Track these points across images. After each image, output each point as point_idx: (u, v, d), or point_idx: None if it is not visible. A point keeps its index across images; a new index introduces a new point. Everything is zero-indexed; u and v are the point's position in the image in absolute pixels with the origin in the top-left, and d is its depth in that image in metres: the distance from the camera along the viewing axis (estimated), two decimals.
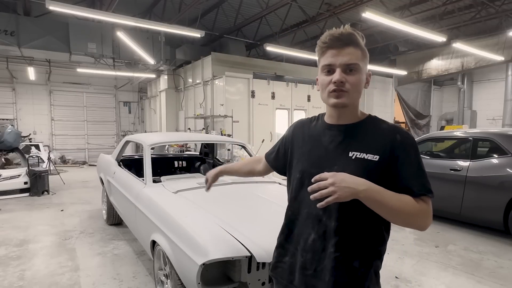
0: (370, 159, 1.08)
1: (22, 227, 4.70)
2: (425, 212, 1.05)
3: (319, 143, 1.20)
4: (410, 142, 1.10)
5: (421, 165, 1.09)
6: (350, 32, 1.09)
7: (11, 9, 8.65)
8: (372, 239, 1.13)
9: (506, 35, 9.00)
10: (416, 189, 1.05)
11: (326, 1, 8.61)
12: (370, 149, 1.09)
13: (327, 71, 1.11)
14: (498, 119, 13.53)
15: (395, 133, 1.10)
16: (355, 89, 1.10)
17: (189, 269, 1.99)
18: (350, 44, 1.08)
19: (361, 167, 1.07)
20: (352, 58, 1.08)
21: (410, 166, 1.07)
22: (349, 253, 1.10)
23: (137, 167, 4.85)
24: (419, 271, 3.35)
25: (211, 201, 2.69)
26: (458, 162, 4.53)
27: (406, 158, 1.07)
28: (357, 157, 1.09)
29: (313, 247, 1.15)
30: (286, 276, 1.24)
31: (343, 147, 1.13)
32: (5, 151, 7.56)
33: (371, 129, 1.14)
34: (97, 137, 13.73)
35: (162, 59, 10.03)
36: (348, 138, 1.14)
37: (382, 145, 1.09)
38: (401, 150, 1.08)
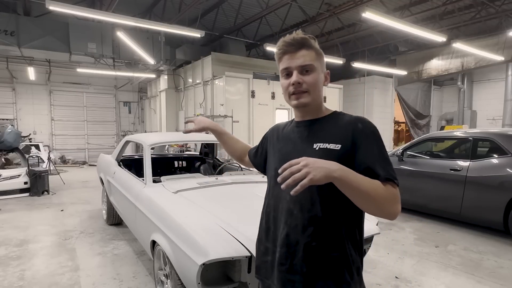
0: (333, 148, 1.12)
1: (22, 227, 4.70)
2: (394, 197, 1.04)
3: (289, 140, 1.28)
4: (372, 130, 1.13)
5: (383, 152, 1.10)
6: (301, 36, 1.16)
7: (11, 9, 8.65)
8: (345, 229, 1.14)
9: (506, 35, 9.00)
10: (382, 173, 1.05)
11: (326, 1, 8.62)
12: (332, 139, 1.14)
13: (286, 75, 1.19)
14: (498, 119, 13.53)
15: (357, 122, 1.14)
16: (313, 88, 1.17)
17: (189, 269, 1.99)
18: (302, 47, 1.16)
19: (324, 157, 1.06)
20: (306, 59, 1.15)
21: (373, 152, 1.10)
22: (324, 243, 1.12)
23: (137, 167, 4.85)
24: (419, 271, 3.35)
25: (211, 201, 2.69)
26: (458, 162, 4.53)
27: (368, 144, 1.10)
28: (320, 148, 1.14)
29: (287, 240, 1.17)
30: (269, 275, 1.25)
31: (308, 140, 1.19)
32: (5, 151, 7.56)
33: (335, 121, 1.20)
34: (97, 137, 13.73)
35: (162, 59, 10.03)
36: (313, 132, 1.21)
37: (344, 135, 1.13)
38: (363, 137, 1.11)
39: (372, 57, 12.45)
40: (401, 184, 4.11)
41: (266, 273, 1.27)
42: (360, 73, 13.06)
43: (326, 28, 10.25)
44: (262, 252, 1.30)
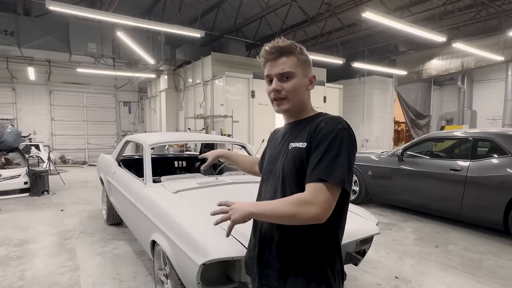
0: (300, 147, 1.16)
1: (22, 227, 4.70)
2: (303, 202, 1.05)
3: (276, 142, 1.35)
4: (329, 131, 1.11)
5: (330, 150, 1.08)
6: (280, 45, 1.19)
7: (11, 9, 8.65)
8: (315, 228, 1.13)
9: (506, 35, 9.00)
10: (313, 173, 1.08)
11: (326, 1, 8.62)
12: (302, 138, 1.18)
13: (268, 81, 1.24)
14: (498, 119, 13.53)
15: (321, 121, 1.16)
16: (292, 94, 1.20)
17: (189, 269, 1.99)
18: (282, 55, 1.19)
19: (293, 155, 1.17)
20: (285, 67, 1.18)
21: (317, 152, 1.10)
22: (293, 240, 1.16)
23: (137, 167, 4.85)
24: (419, 271, 3.35)
25: (211, 201, 2.69)
26: (458, 162, 4.53)
27: (318, 144, 1.11)
28: (292, 147, 1.20)
29: (265, 236, 1.24)
30: (253, 270, 1.31)
31: (288, 141, 1.25)
32: (5, 151, 7.56)
33: (311, 121, 1.21)
34: (97, 137, 13.74)
35: (162, 59, 10.03)
36: (292, 133, 1.26)
37: (308, 133, 1.16)
38: (317, 136, 1.12)
39: (372, 57, 12.45)
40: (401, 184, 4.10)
41: (252, 268, 1.32)
42: (360, 73, 13.06)
43: (326, 28, 10.26)
44: (250, 248, 1.37)
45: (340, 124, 1.13)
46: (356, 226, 2.45)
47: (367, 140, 13.01)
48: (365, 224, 2.56)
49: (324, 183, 1.05)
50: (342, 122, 1.14)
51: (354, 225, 2.40)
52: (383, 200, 5.68)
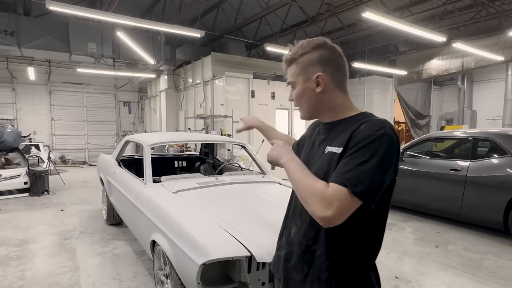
0: (335, 152, 1.07)
1: (22, 227, 4.70)
2: (321, 196, 0.96)
3: (312, 142, 1.29)
4: (368, 134, 1.00)
5: (362, 156, 0.97)
6: (287, 55, 1.21)
7: (11, 9, 8.64)
8: (351, 239, 1.08)
9: (506, 35, 9.00)
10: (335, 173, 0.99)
11: (326, 1, 8.61)
12: (338, 142, 1.09)
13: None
14: (498, 119, 13.53)
15: (361, 123, 1.05)
16: (297, 101, 1.22)
17: (189, 269, 1.99)
18: (290, 64, 1.21)
19: (328, 160, 1.09)
20: (288, 77, 1.22)
21: (348, 155, 1.01)
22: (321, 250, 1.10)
23: (137, 167, 4.85)
24: (419, 271, 3.35)
25: (211, 201, 2.69)
26: (458, 162, 4.53)
27: (351, 148, 1.01)
28: (328, 151, 1.11)
29: (293, 240, 1.20)
30: (280, 270, 1.29)
31: (323, 144, 1.18)
32: (5, 151, 7.56)
33: (350, 124, 1.10)
34: (97, 137, 13.73)
35: (162, 59, 10.03)
36: (328, 135, 1.18)
37: (346, 136, 1.06)
38: (353, 139, 1.02)
39: (372, 57, 12.45)
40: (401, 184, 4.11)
41: (278, 268, 1.31)
42: (360, 73, 13.06)
43: (326, 28, 10.25)
44: (278, 247, 1.34)
45: (382, 129, 1.00)
46: None
47: None
48: None
49: (344, 188, 0.95)
50: (385, 127, 1.01)
51: None
52: None
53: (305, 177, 1.04)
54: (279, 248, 1.32)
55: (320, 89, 1.14)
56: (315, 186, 0.99)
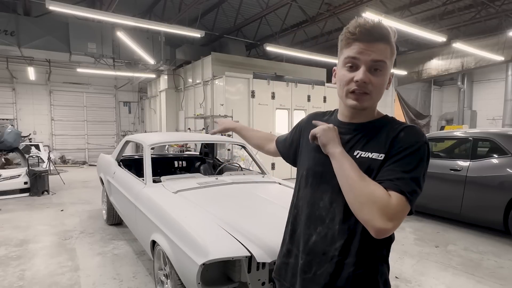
0: (375, 158, 0.99)
1: (22, 227, 4.70)
2: (383, 205, 0.89)
3: None
4: (414, 141, 0.97)
5: (411, 164, 0.95)
6: (383, 26, 0.99)
7: (11, 9, 8.65)
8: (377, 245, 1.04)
9: (506, 35, 9.00)
10: (388, 179, 0.94)
11: (326, 1, 8.62)
12: (376, 148, 1.01)
13: (349, 66, 1.01)
14: (498, 119, 13.54)
15: (401, 130, 1.00)
16: (377, 91, 1.02)
17: (189, 269, 1.99)
18: (381, 40, 0.98)
19: (365, 166, 0.99)
20: (380, 55, 0.98)
21: (396, 162, 0.95)
22: (352, 258, 1.02)
23: (137, 167, 4.85)
24: (419, 271, 3.35)
25: (211, 201, 2.69)
26: (458, 162, 4.53)
27: (397, 154, 0.96)
28: (361, 156, 1.02)
29: (314, 249, 1.09)
30: (289, 279, 1.19)
31: (349, 146, 1.06)
32: (5, 151, 7.56)
33: (382, 128, 1.05)
34: (97, 137, 13.73)
35: (162, 59, 10.03)
36: (356, 137, 1.07)
37: (386, 143, 1.00)
38: (397, 146, 0.97)
39: None
40: None
41: (286, 276, 1.21)
42: None
43: (326, 28, 10.25)
44: (284, 254, 1.23)
45: (423, 137, 0.99)
46: None
47: None
48: None
49: (403, 197, 0.91)
50: (424, 136, 1.00)
51: None
52: None
53: (362, 179, 0.93)
54: (287, 255, 1.21)
55: (388, 87, 1.08)
56: (376, 193, 0.90)
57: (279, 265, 1.26)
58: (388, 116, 1.11)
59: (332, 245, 1.05)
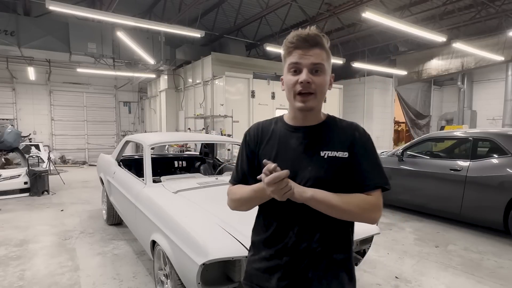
0: (341, 156, 1.13)
1: (22, 227, 4.70)
2: (373, 206, 1.11)
3: (286, 145, 1.18)
4: (367, 139, 1.18)
5: (374, 159, 1.16)
6: (316, 33, 1.11)
7: (11, 9, 8.65)
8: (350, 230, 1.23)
9: (506, 35, 8.99)
10: (366, 183, 1.12)
11: (326, 1, 8.61)
12: (339, 147, 1.14)
13: (293, 71, 1.12)
14: (498, 119, 13.52)
15: (355, 130, 1.18)
16: (320, 90, 1.12)
17: (189, 269, 1.99)
18: (316, 45, 1.10)
19: (334, 165, 1.13)
20: (317, 58, 1.10)
21: (364, 162, 1.14)
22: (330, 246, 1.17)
23: (137, 167, 4.85)
24: (419, 271, 3.35)
25: (211, 201, 2.69)
26: (458, 162, 4.53)
27: (362, 154, 1.15)
28: (329, 156, 1.13)
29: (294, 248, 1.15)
30: (265, 282, 1.20)
31: (313, 148, 1.15)
32: (5, 151, 7.56)
33: (334, 127, 1.19)
34: (97, 137, 13.73)
35: (162, 59, 10.03)
36: (316, 139, 1.16)
37: (346, 142, 1.15)
38: (359, 146, 1.15)
39: (372, 57, 12.45)
40: (401, 184, 4.12)
41: (259, 280, 1.22)
42: (360, 73, 13.06)
43: (326, 28, 10.25)
44: (257, 259, 1.24)
45: (366, 131, 1.21)
46: (356, 226, 2.45)
47: None
48: (365, 224, 2.56)
49: (379, 189, 1.14)
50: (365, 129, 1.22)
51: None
52: (383, 200, 5.67)
53: (345, 198, 1.09)
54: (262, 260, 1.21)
55: (330, 88, 1.18)
56: (365, 200, 1.11)
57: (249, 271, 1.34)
58: (331, 116, 1.24)
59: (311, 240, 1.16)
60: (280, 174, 0.97)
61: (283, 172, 0.98)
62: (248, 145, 1.28)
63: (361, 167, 1.13)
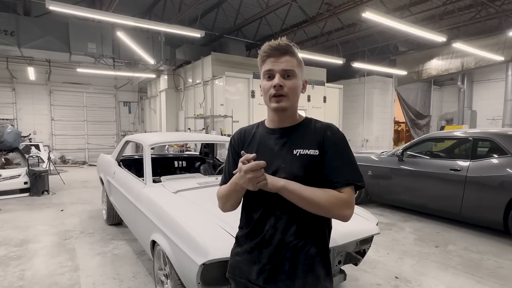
0: (312, 154, 1.21)
1: (22, 227, 4.70)
2: (343, 203, 1.15)
3: (264, 146, 1.30)
4: (339, 137, 1.24)
5: (346, 157, 1.22)
6: (286, 43, 1.22)
7: (11, 9, 8.65)
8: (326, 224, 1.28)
9: (506, 35, 8.99)
10: (336, 180, 1.18)
11: (326, 1, 8.61)
12: (310, 145, 1.22)
13: (268, 77, 1.24)
14: (498, 119, 13.53)
15: (326, 129, 1.25)
16: (292, 92, 1.22)
17: (189, 269, 1.99)
18: (286, 53, 1.21)
19: (305, 162, 1.20)
20: (288, 65, 1.20)
21: (335, 159, 1.20)
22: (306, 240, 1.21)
23: (137, 167, 4.85)
24: (419, 271, 3.35)
25: (211, 201, 2.69)
26: (458, 162, 4.53)
27: (333, 152, 1.21)
28: (300, 154, 1.22)
29: (271, 241, 1.22)
30: (246, 274, 1.28)
31: (287, 147, 1.25)
32: (5, 151, 7.56)
33: (308, 128, 1.27)
34: (97, 137, 13.73)
35: (162, 59, 10.03)
36: (291, 139, 1.26)
37: (318, 141, 1.22)
38: (330, 144, 1.22)
39: (372, 57, 12.45)
40: (401, 184, 4.12)
41: (242, 273, 1.29)
42: (360, 73, 13.06)
43: (326, 28, 10.25)
44: (240, 252, 1.32)
45: (340, 131, 1.27)
46: (356, 226, 2.46)
47: (367, 140, 13.02)
48: (365, 224, 2.56)
49: (351, 187, 1.19)
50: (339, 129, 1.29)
51: (354, 225, 2.40)
52: (383, 200, 5.68)
53: (316, 191, 1.15)
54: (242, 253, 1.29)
55: (303, 91, 1.29)
56: (336, 196, 1.16)
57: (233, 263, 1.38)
58: (308, 118, 1.33)
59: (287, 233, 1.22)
60: (259, 163, 1.10)
61: (261, 162, 1.10)
62: (233, 148, 1.40)
63: (330, 164, 1.20)
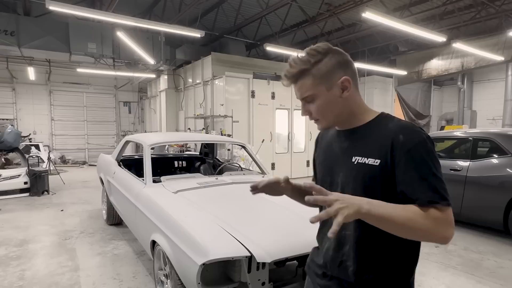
0: (371, 164, 1.01)
1: (22, 227, 4.70)
2: (440, 222, 0.91)
3: (331, 150, 1.19)
4: (415, 143, 0.97)
5: (426, 171, 0.95)
6: (292, 65, 1.08)
7: (11, 9, 8.64)
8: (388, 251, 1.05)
9: (506, 35, 8.99)
10: (421, 196, 0.93)
11: (326, 1, 8.61)
12: (371, 153, 1.02)
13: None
14: (498, 119, 13.52)
15: (399, 133, 0.99)
16: (321, 114, 1.10)
17: (189, 269, 1.99)
18: (298, 79, 1.08)
19: (362, 173, 1.02)
20: (303, 91, 1.09)
21: (411, 170, 0.95)
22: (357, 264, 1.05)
23: (137, 167, 4.85)
24: (419, 271, 3.35)
25: (211, 201, 2.69)
26: (458, 162, 4.53)
27: (406, 161, 0.96)
28: (358, 162, 1.04)
29: (326, 255, 1.15)
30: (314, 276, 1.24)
31: (348, 153, 1.09)
32: (5, 151, 7.56)
33: (376, 130, 1.06)
34: (97, 137, 13.73)
35: (162, 59, 10.03)
36: (352, 143, 1.10)
37: (383, 148, 1.00)
38: (402, 152, 0.97)
39: (372, 57, 12.45)
40: None
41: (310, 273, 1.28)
42: (360, 73, 13.05)
43: (326, 28, 10.25)
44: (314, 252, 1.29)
45: (423, 133, 1.01)
46: None
47: None
48: None
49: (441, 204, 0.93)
50: (422, 131, 1.01)
51: None
52: None
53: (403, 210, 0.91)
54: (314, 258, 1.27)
55: (347, 94, 1.08)
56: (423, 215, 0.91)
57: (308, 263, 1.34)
58: (383, 115, 1.12)
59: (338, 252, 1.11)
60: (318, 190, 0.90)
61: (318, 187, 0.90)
62: (314, 153, 1.35)
63: (402, 179, 0.96)
